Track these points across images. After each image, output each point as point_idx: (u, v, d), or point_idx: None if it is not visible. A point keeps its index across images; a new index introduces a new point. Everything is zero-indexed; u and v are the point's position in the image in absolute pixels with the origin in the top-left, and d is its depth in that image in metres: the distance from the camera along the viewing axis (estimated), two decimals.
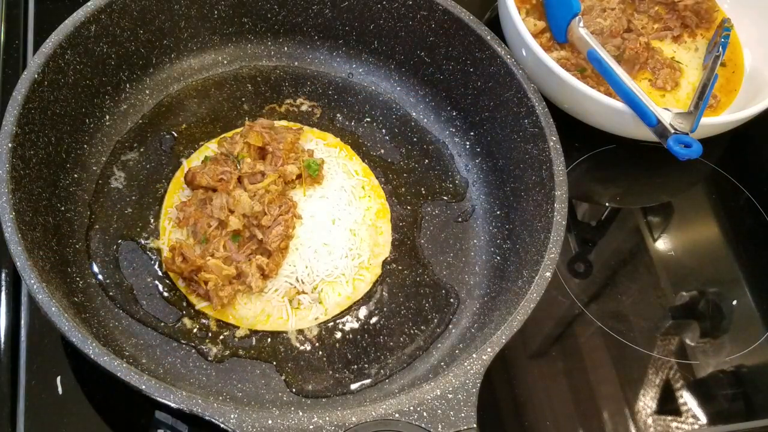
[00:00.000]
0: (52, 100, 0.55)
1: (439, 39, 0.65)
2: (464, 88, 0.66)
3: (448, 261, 0.62)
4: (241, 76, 0.67)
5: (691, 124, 0.61)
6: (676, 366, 0.61)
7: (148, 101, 0.64)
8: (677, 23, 0.76)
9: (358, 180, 0.63)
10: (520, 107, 0.61)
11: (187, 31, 0.64)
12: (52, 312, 0.45)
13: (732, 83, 0.74)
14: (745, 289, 0.67)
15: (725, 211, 0.72)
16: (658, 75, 0.72)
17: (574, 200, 0.70)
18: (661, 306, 0.65)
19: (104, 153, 0.61)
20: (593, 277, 0.65)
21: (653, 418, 0.59)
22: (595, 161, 0.71)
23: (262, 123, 0.61)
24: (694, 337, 0.63)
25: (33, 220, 0.51)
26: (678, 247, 0.69)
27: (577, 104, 0.66)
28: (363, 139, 0.67)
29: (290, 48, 0.69)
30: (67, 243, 0.56)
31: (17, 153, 0.50)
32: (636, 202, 0.71)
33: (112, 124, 0.62)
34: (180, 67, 0.66)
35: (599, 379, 0.60)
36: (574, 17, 0.67)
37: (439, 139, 0.68)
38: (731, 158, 0.74)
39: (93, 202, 0.59)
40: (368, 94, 0.69)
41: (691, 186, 0.74)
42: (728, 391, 0.61)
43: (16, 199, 0.49)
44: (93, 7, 0.56)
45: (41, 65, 0.53)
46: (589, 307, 0.63)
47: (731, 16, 0.77)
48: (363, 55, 0.69)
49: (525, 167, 0.61)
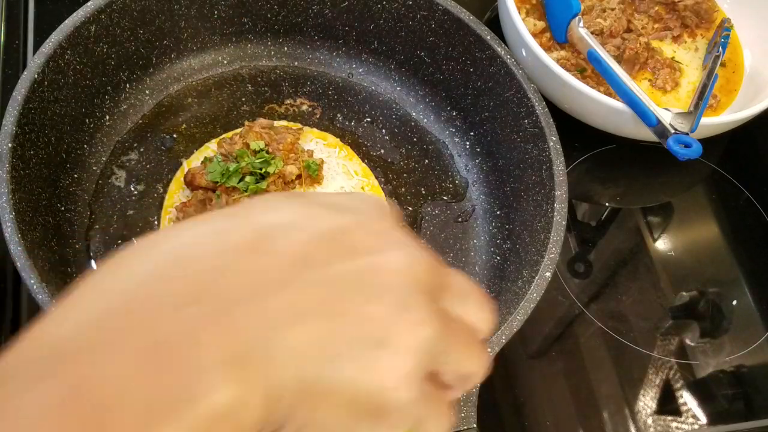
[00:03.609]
0: (52, 101, 0.55)
1: (439, 39, 0.65)
2: (464, 88, 0.66)
3: (448, 261, 0.62)
4: (241, 76, 0.67)
5: (691, 124, 0.61)
6: (676, 366, 0.61)
7: (148, 101, 0.64)
8: (677, 23, 0.76)
9: (357, 180, 0.63)
10: (520, 107, 0.61)
11: (187, 31, 0.64)
12: None
13: (732, 83, 0.74)
14: (745, 289, 0.67)
15: (725, 211, 0.72)
16: (658, 75, 0.72)
17: (574, 200, 0.69)
18: (661, 306, 0.65)
19: (104, 153, 0.61)
20: (593, 277, 0.65)
21: (653, 418, 0.59)
22: (594, 161, 0.71)
23: (262, 123, 0.61)
24: (694, 337, 0.63)
25: (33, 220, 0.51)
26: (678, 247, 0.69)
27: (577, 104, 0.66)
28: (363, 139, 0.67)
29: (290, 48, 0.69)
30: (67, 243, 0.56)
31: (17, 153, 0.50)
32: (636, 202, 0.71)
33: (112, 124, 0.62)
34: (180, 67, 0.66)
35: (599, 379, 0.60)
36: (574, 17, 0.67)
37: (439, 139, 0.68)
38: (731, 158, 0.74)
39: (93, 202, 0.59)
40: (368, 94, 0.69)
41: (691, 186, 0.74)
42: (728, 391, 0.61)
43: (16, 199, 0.49)
44: (93, 7, 0.56)
45: (41, 65, 0.53)
46: (589, 307, 0.63)
47: (731, 16, 0.77)
48: (363, 55, 0.69)
49: (525, 167, 0.61)
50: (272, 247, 0.23)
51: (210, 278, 0.22)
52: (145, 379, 0.19)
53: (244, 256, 0.22)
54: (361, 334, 0.22)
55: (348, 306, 0.22)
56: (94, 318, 0.21)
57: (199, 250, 0.23)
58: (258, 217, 0.24)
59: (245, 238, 0.23)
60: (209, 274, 0.22)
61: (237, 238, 0.23)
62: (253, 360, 0.21)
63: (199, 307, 0.21)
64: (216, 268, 0.22)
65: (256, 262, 0.22)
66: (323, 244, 0.23)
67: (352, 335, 0.22)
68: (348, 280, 0.23)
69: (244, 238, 0.23)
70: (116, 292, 0.22)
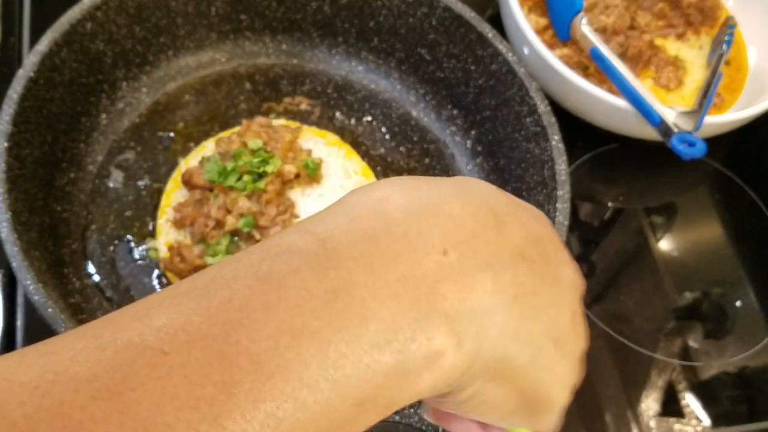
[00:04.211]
0: (47, 99, 0.54)
1: (439, 36, 0.64)
2: (465, 87, 0.65)
3: None
4: (239, 74, 0.67)
5: (695, 122, 0.61)
6: (679, 367, 0.61)
7: (145, 100, 0.63)
8: (681, 21, 0.75)
9: (357, 179, 0.62)
10: (521, 106, 0.60)
11: (184, 28, 0.63)
12: (49, 313, 0.44)
13: (736, 82, 0.73)
14: (749, 290, 0.67)
15: (729, 211, 0.71)
16: (662, 73, 0.71)
17: (577, 200, 0.69)
18: (664, 307, 0.64)
19: (101, 152, 0.60)
20: (596, 277, 0.65)
21: (656, 420, 0.58)
22: (597, 160, 0.70)
23: (260, 122, 0.61)
24: (698, 338, 0.63)
25: (29, 221, 0.51)
26: (681, 247, 0.68)
27: (580, 102, 0.65)
28: (362, 138, 0.66)
29: (289, 46, 0.68)
30: (63, 243, 0.55)
31: (13, 152, 0.50)
32: (639, 201, 0.71)
33: (108, 122, 0.61)
34: (177, 65, 0.65)
35: (602, 380, 0.60)
36: (577, 14, 0.67)
37: (440, 138, 0.67)
38: (736, 158, 0.74)
39: (89, 202, 0.58)
40: (368, 92, 0.68)
41: (694, 186, 0.73)
42: (732, 393, 0.61)
43: (12, 199, 0.48)
44: (89, 4, 0.56)
45: (37, 63, 0.52)
46: (591, 308, 0.62)
47: (735, 14, 0.76)
48: (362, 53, 0.68)
49: (527, 166, 0.60)
50: (506, 229, 0.25)
51: (461, 235, 0.24)
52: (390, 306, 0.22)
53: (490, 228, 0.25)
54: (549, 331, 0.25)
55: (542, 303, 0.25)
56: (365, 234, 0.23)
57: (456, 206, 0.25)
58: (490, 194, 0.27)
59: (490, 211, 0.25)
60: (459, 232, 0.24)
61: (485, 210, 0.25)
62: (474, 323, 0.23)
63: (446, 257, 0.23)
64: (465, 227, 0.24)
65: (496, 237, 0.25)
66: (531, 243, 0.26)
67: (543, 331, 0.25)
68: (543, 280, 0.26)
69: (491, 210, 0.25)
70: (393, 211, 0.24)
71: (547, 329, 0.25)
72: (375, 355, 0.21)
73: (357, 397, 0.20)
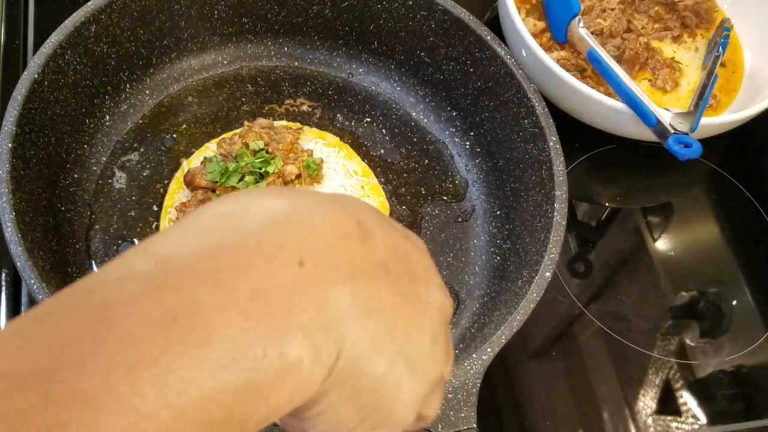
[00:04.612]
0: (52, 101, 0.55)
1: (439, 39, 0.65)
2: (464, 89, 0.66)
3: (447, 261, 0.62)
4: (241, 76, 0.67)
5: (691, 124, 0.61)
6: (676, 366, 0.61)
7: (148, 101, 0.64)
8: (677, 23, 0.76)
9: (357, 180, 0.63)
10: (520, 107, 0.61)
11: (187, 31, 0.64)
12: None
13: (732, 83, 0.74)
14: (745, 289, 0.67)
15: (725, 211, 0.72)
16: (658, 75, 0.72)
17: (574, 200, 0.69)
18: (661, 306, 0.65)
19: (104, 153, 0.61)
20: (593, 277, 0.65)
21: (653, 418, 0.59)
22: (594, 161, 0.71)
23: (261, 123, 0.61)
24: (694, 337, 0.63)
25: (33, 221, 0.51)
26: (678, 247, 0.69)
27: (577, 104, 0.66)
28: (363, 139, 0.67)
29: (290, 48, 0.69)
30: (67, 243, 0.56)
31: (17, 153, 0.50)
32: (636, 202, 0.71)
33: (112, 124, 0.62)
34: (180, 67, 0.66)
35: (599, 379, 0.60)
36: (574, 17, 0.67)
37: (439, 139, 0.68)
38: (731, 158, 0.74)
39: (93, 202, 0.59)
40: (368, 94, 0.69)
41: (691, 186, 0.74)
42: (728, 391, 0.61)
43: (17, 200, 0.49)
44: (93, 7, 0.56)
45: (41, 65, 0.53)
46: (589, 307, 0.63)
47: (731, 16, 0.77)
48: (363, 55, 0.69)
49: (525, 167, 0.61)
50: (372, 242, 0.25)
51: (320, 245, 0.24)
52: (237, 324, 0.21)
53: (354, 239, 0.25)
54: (404, 350, 0.25)
55: (401, 321, 0.25)
56: (213, 248, 0.22)
57: (319, 217, 0.24)
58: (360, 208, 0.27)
59: (356, 223, 0.25)
60: (319, 243, 0.24)
61: (350, 222, 0.25)
62: (330, 336, 0.23)
63: (303, 269, 0.23)
64: (325, 238, 0.24)
65: (359, 248, 0.25)
66: (396, 259, 0.26)
67: (398, 349, 0.25)
68: (406, 298, 0.26)
69: (357, 222, 0.25)
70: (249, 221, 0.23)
71: (402, 347, 0.25)
72: (221, 375, 0.20)
73: (205, 421, 0.20)
